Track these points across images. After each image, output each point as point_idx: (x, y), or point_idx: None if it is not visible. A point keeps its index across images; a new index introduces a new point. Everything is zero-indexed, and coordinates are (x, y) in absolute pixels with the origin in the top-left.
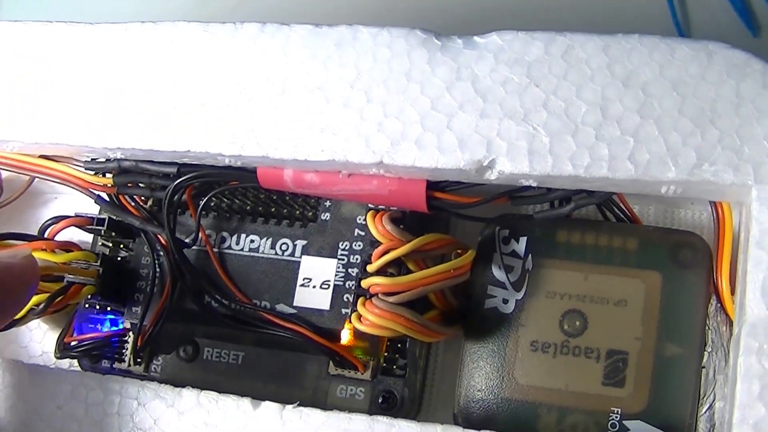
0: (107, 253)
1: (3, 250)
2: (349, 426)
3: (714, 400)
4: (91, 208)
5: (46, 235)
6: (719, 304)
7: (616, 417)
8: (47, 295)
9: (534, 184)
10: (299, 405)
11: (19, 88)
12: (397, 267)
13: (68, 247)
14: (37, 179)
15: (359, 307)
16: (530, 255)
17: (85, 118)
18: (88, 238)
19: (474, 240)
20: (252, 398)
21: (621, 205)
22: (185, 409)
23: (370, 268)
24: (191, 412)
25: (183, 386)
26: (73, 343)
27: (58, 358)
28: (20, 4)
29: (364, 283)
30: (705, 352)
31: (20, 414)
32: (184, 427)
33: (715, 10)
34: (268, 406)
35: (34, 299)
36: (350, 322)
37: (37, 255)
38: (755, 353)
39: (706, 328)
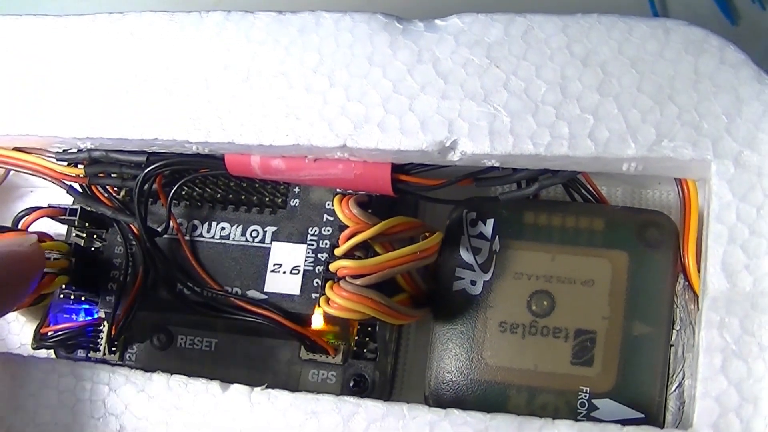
0: (81, 244)
1: (7, 237)
2: (316, 407)
3: (683, 378)
4: (65, 200)
5: (19, 227)
6: (687, 283)
7: (585, 396)
8: None
9: (497, 165)
10: (267, 387)
11: None
12: (364, 250)
13: (42, 238)
14: (12, 173)
15: (327, 291)
16: (497, 237)
17: (53, 109)
18: (62, 229)
19: (442, 224)
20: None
21: (587, 185)
22: (155, 394)
23: (337, 251)
24: (161, 396)
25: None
26: (49, 334)
27: (34, 348)
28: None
29: (332, 267)
30: (673, 330)
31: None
32: (154, 411)
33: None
34: (237, 389)
35: None
36: (319, 306)
37: None
38: (716, 327)
39: (674, 306)
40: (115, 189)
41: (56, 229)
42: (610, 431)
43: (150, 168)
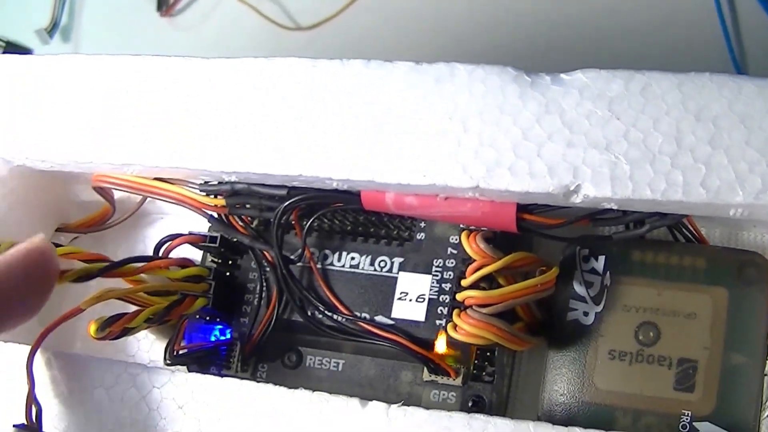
0: (217, 269)
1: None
2: (449, 423)
3: None
4: (199, 227)
5: (161, 252)
6: None
7: (687, 419)
8: (164, 305)
9: (615, 207)
10: (403, 404)
11: (144, 118)
12: (488, 282)
13: (184, 263)
14: (148, 201)
15: (455, 318)
16: (608, 272)
17: (204, 145)
18: (197, 255)
19: (553, 258)
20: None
21: (690, 227)
22: (296, 409)
23: (464, 282)
24: (301, 412)
25: None
26: (182, 351)
27: (168, 365)
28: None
29: (459, 296)
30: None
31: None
32: (299, 423)
33: None
34: (375, 406)
35: (151, 309)
36: (445, 331)
37: (155, 273)
38: None
39: None
40: (249, 219)
41: (191, 255)
42: None
43: (290, 201)
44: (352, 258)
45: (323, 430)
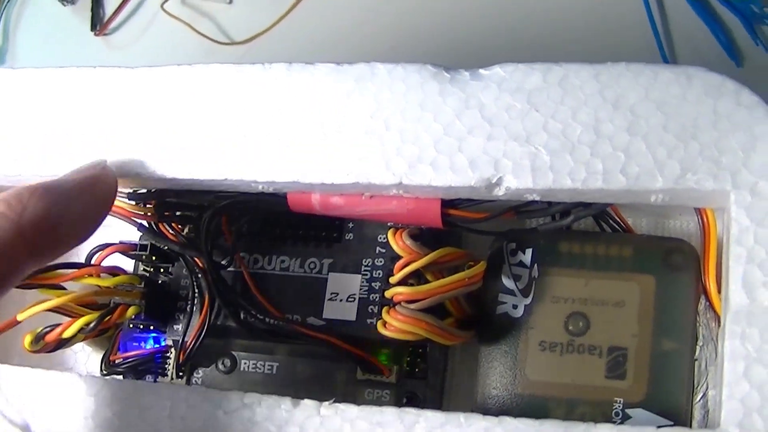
0: (149, 277)
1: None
2: (381, 418)
3: (707, 389)
4: (132, 236)
5: (93, 261)
6: (708, 303)
7: (619, 406)
8: (97, 315)
9: (537, 198)
10: (335, 401)
11: (70, 128)
12: (416, 278)
13: (114, 271)
14: None
15: (384, 315)
16: (536, 264)
17: (131, 153)
18: (129, 264)
19: (483, 253)
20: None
21: (615, 217)
22: (232, 410)
23: (392, 279)
24: (237, 412)
25: None
26: (118, 361)
27: (104, 375)
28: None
29: (388, 293)
30: (697, 346)
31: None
32: (230, 427)
33: (700, 44)
34: (307, 404)
35: (84, 319)
36: (377, 330)
37: (85, 281)
38: (739, 337)
39: (697, 324)
40: (179, 226)
41: (123, 264)
42: None
43: (217, 206)
44: (282, 261)
45: (257, 429)
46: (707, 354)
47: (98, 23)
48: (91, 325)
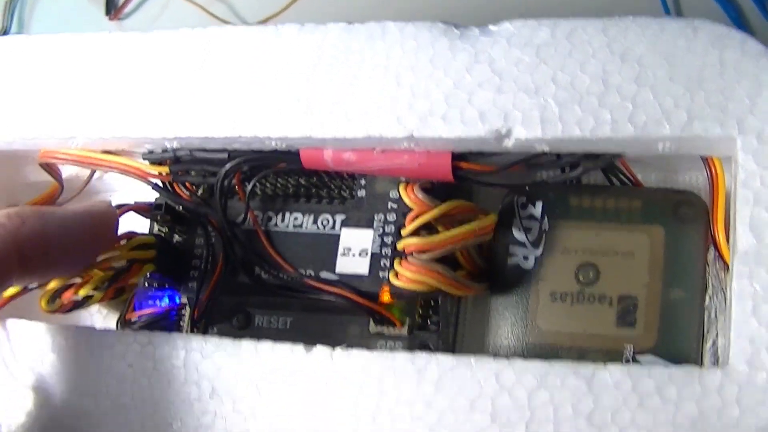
0: (164, 237)
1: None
2: (393, 362)
3: (717, 337)
4: (148, 197)
5: None
6: (717, 253)
7: (630, 353)
8: (112, 273)
9: (547, 149)
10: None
11: (85, 89)
12: (427, 230)
13: (129, 236)
14: (95, 178)
15: (396, 266)
16: (546, 217)
17: (145, 113)
18: (144, 226)
19: (494, 208)
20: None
21: (624, 170)
22: (245, 358)
23: (404, 231)
24: (250, 360)
25: None
26: (133, 319)
27: None
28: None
29: (400, 245)
30: (706, 296)
31: (95, 375)
32: (246, 373)
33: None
34: (320, 350)
35: (99, 276)
36: (388, 281)
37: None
38: (746, 277)
39: (707, 274)
40: (194, 186)
41: (138, 226)
42: (656, 372)
43: (231, 163)
44: (295, 218)
45: (270, 377)
46: (716, 303)
47: (113, 8)
48: (107, 283)
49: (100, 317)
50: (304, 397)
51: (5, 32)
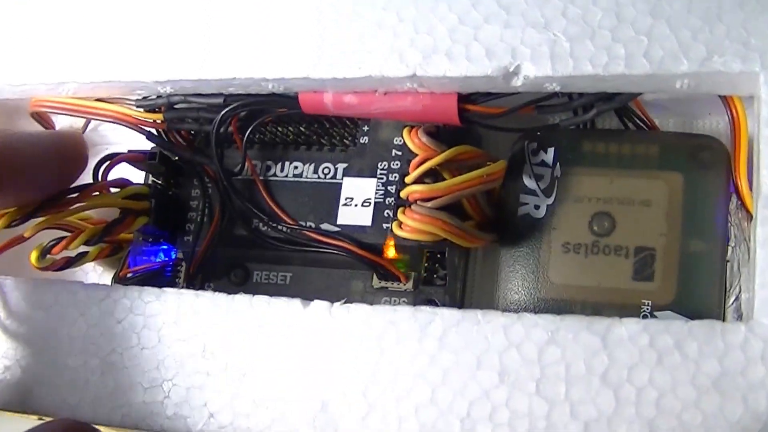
0: (159, 187)
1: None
2: (394, 317)
3: (740, 292)
4: (142, 146)
5: (100, 172)
6: (740, 202)
7: (648, 309)
8: (103, 225)
9: (558, 88)
10: (346, 302)
11: (73, 31)
12: (432, 177)
13: (122, 184)
14: (89, 130)
15: (399, 215)
16: (558, 164)
17: (135, 55)
18: (139, 177)
19: (503, 155)
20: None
21: (640, 114)
22: (239, 313)
23: (408, 178)
24: (245, 315)
25: None
26: (128, 275)
27: None
28: None
29: (403, 193)
30: (729, 247)
31: (84, 331)
32: (240, 329)
33: None
34: (318, 305)
35: (91, 230)
36: (392, 231)
37: (93, 201)
38: None
39: (729, 224)
40: (189, 135)
41: (134, 178)
42: (675, 327)
43: (227, 109)
44: (295, 167)
45: (266, 333)
46: (739, 255)
47: None
48: (99, 235)
49: (96, 275)
50: (300, 355)
51: None
